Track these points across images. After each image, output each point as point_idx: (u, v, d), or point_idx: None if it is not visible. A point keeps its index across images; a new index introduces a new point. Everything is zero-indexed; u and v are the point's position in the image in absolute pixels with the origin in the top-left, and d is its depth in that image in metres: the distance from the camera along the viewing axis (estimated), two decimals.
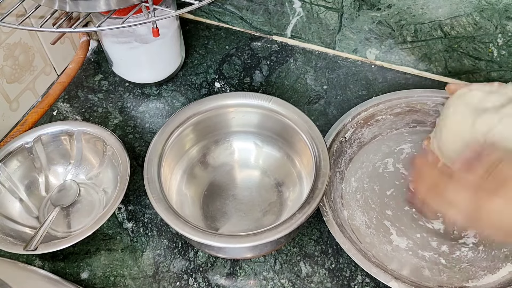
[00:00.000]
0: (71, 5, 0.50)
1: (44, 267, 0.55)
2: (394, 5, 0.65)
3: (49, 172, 0.61)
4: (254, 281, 0.53)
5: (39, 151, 0.59)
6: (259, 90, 0.71)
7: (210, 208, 0.57)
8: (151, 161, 0.52)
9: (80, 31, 0.52)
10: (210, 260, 0.55)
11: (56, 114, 0.69)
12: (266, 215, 0.56)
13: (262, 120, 0.58)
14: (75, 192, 0.59)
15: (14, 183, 0.58)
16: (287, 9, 0.72)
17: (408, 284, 0.49)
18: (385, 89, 0.69)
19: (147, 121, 0.68)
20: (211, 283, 0.53)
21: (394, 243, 0.55)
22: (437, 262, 0.53)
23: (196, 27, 0.81)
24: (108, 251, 0.56)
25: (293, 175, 0.58)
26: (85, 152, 0.61)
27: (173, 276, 0.54)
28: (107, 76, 0.74)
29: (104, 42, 0.68)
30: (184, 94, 0.71)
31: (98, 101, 0.71)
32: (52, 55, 0.72)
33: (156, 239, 0.57)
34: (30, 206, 0.58)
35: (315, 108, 0.68)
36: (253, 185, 0.59)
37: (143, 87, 0.72)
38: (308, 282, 0.53)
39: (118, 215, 0.59)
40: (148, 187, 0.49)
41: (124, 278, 0.54)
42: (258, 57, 0.75)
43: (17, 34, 0.64)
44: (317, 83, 0.71)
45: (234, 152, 0.61)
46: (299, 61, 0.74)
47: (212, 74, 0.73)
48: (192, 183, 0.58)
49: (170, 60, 0.71)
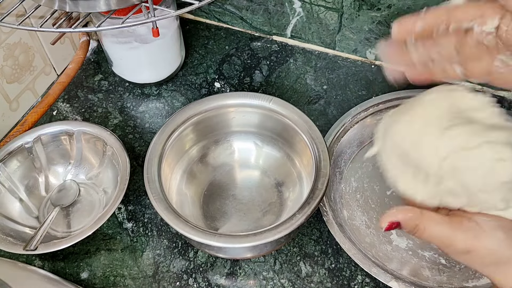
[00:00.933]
0: (71, 5, 0.50)
1: (44, 267, 0.55)
2: (394, 5, 0.65)
3: (49, 172, 0.61)
4: (254, 281, 0.53)
5: (39, 151, 0.59)
6: (259, 90, 0.71)
7: (210, 208, 0.57)
8: (151, 161, 0.52)
9: (80, 31, 0.52)
10: (210, 260, 0.55)
11: (56, 114, 0.69)
12: (266, 215, 0.56)
13: (262, 120, 0.58)
14: (75, 192, 0.59)
15: (14, 183, 0.58)
16: (287, 9, 0.72)
17: (408, 284, 0.49)
18: (385, 89, 0.69)
19: (147, 121, 0.68)
20: (211, 283, 0.53)
21: (394, 243, 0.55)
22: (437, 262, 0.53)
23: (196, 27, 0.81)
24: (108, 251, 0.56)
25: (293, 175, 0.58)
26: (85, 152, 0.61)
27: (173, 276, 0.54)
28: (107, 76, 0.74)
29: (104, 42, 0.68)
30: (184, 94, 0.71)
31: (98, 101, 0.71)
32: (52, 55, 0.72)
33: (156, 239, 0.57)
34: (30, 206, 0.58)
35: (315, 108, 0.68)
36: (253, 185, 0.59)
37: (143, 87, 0.72)
38: (308, 282, 0.53)
39: (118, 215, 0.59)
40: (148, 187, 0.49)
41: (124, 278, 0.54)
42: (258, 57, 0.75)
43: (17, 34, 0.64)
44: (317, 83, 0.71)
45: (234, 152, 0.61)
46: (299, 61, 0.75)
47: (212, 74, 0.74)
48: (192, 183, 0.58)
49: (170, 60, 0.71)
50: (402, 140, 0.37)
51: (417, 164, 0.36)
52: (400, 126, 0.37)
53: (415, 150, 0.35)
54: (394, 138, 0.37)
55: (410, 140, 0.36)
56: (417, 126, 0.36)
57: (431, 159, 0.35)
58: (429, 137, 0.35)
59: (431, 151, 0.35)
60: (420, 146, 0.35)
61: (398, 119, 0.38)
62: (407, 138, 0.36)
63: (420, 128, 0.36)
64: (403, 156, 0.36)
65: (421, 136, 0.35)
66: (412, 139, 0.36)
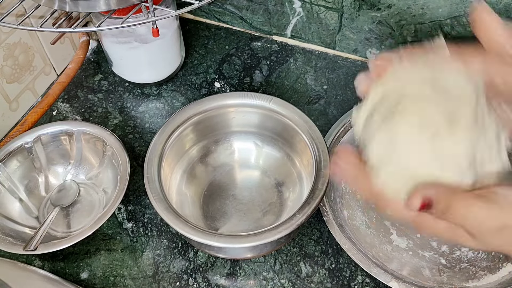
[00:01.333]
0: (70, 5, 0.50)
1: (43, 267, 0.55)
2: (394, 5, 0.65)
3: (49, 172, 0.60)
4: (254, 281, 0.53)
5: (39, 151, 0.59)
6: (259, 90, 0.71)
7: (210, 208, 0.57)
8: (151, 161, 0.52)
9: (80, 31, 0.52)
10: (210, 260, 0.55)
11: (56, 114, 0.69)
12: (266, 215, 0.56)
13: (262, 120, 0.58)
14: (75, 192, 0.59)
15: (14, 183, 0.58)
16: (287, 9, 0.72)
17: (408, 284, 0.49)
18: None
19: (147, 121, 0.68)
20: (211, 283, 0.53)
21: (394, 243, 0.55)
22: (437, 262, 0.53)
23: (196, 27, 0.81)
24: (108, 251, 0.56)
25: (293, 175, 0.58)
26: (85, 152, 0.61)
27: (173, 276, 0.54)
28: (107, 76, 0.74)
29: (104, 42, 0.68)
30: (184, 94, 0.71)
31: (98, 101, 0.71)
32: (51, 55, 0.72)
33: (156, 239, 0.57)
34: (30, 206, 0.58)
35: (315, 108, 0.68)
36: (253, 185, 0.59)
37: (143, 87, 0.72)
38: (308, 282, 0.53)
39: (118, 215, 0.59)
40: (148, 187, 0.49)
41: (124, 278, 0.54)
42: (258, 57, 0.75)
43: (17, 34, 0.64)
44: (317, 83, 0.71)
45: (234, 152, 0.61)
46: (299, 61, 0.74)
47: (212, 74, 0.73)
48: (192, 183, 0.58)
49: (170, 60, 0.71)
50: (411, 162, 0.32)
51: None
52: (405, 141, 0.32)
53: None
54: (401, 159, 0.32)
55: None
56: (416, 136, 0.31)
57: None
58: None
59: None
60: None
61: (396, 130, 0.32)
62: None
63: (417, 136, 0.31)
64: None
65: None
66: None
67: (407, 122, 0.32)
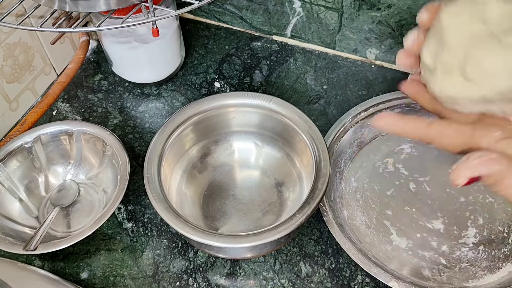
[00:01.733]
0: (70, 5, 0.50)
1: (43, 267, 0.55)
2: (394, 5, 0.65)
3: (49, 172, 0.60)
4: (254, 281, 0.53)
5: (39, 151, 0.59)
6: (259, 90, 0.71)
7: (210, 208, 0.57)
8: (151, 161, 0.52)
9: (79, 31, 0.52)
10: (210, 260, 0.55)
11: (56, 114, 0.69)
12: (266, 215, 0.56)
13: (262, 120, 0.58)
14: (75, 192, 0.59)
15: (14, 183, 0.58)
16: (287, 9, 0.72)
17: (408, 284, 0.49)
18: (385, 89, 0.69)
19: (147, 121, 0.68)
20: (211, 283, 0.53)
21: (394, 243, 0.55)
22: (437, 262, 0.53)
23: (196, 27, 0.81)
24: (108, 251, 0.56)
25: (293, 175, 0.58)
26: (84, 152, 0.61)
27: (172, 276, 0.54)
28: (107, 76, 0.74)
29: (104, 42, 0.68)
30: (184, 94, 0.71)
31: (97, 101, 0.71)
32: (51, 55, 0.72)
33: (156, 239, 0.57)
34: (29, 206, 0.58)
35: (315, 108, 0.68)
36: (253, 185, 0.59)
37: (143, 87, 0.72)
38: (308, 282, 0.53)
39: (118, 215, 0.59)
40: (148, 187, 0.49)
41: (123, 278, 0.54)
42: (258, 57, 0.75)
43: (17, 34, 0.64)
44: (317, 83, 0.71)
45: (234, 152, 0.61)
46: (299, 61, 0.74)
47: (212, 74, 0.73)
48: (192, 183, 0.58)
49: (170, 60, 0.71)
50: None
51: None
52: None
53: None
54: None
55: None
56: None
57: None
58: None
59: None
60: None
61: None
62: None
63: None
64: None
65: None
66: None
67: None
